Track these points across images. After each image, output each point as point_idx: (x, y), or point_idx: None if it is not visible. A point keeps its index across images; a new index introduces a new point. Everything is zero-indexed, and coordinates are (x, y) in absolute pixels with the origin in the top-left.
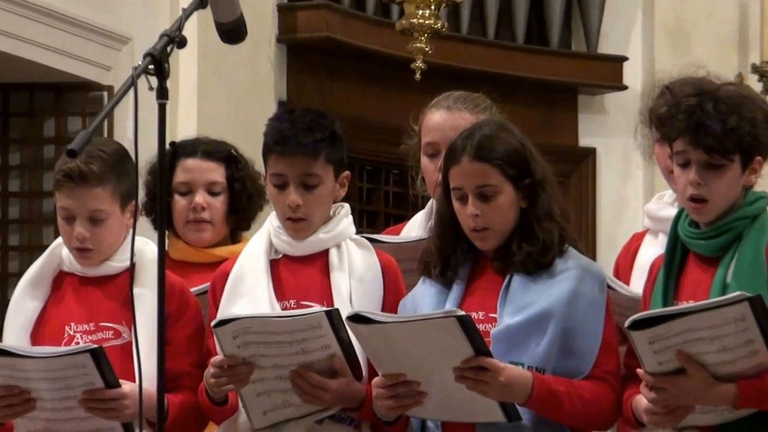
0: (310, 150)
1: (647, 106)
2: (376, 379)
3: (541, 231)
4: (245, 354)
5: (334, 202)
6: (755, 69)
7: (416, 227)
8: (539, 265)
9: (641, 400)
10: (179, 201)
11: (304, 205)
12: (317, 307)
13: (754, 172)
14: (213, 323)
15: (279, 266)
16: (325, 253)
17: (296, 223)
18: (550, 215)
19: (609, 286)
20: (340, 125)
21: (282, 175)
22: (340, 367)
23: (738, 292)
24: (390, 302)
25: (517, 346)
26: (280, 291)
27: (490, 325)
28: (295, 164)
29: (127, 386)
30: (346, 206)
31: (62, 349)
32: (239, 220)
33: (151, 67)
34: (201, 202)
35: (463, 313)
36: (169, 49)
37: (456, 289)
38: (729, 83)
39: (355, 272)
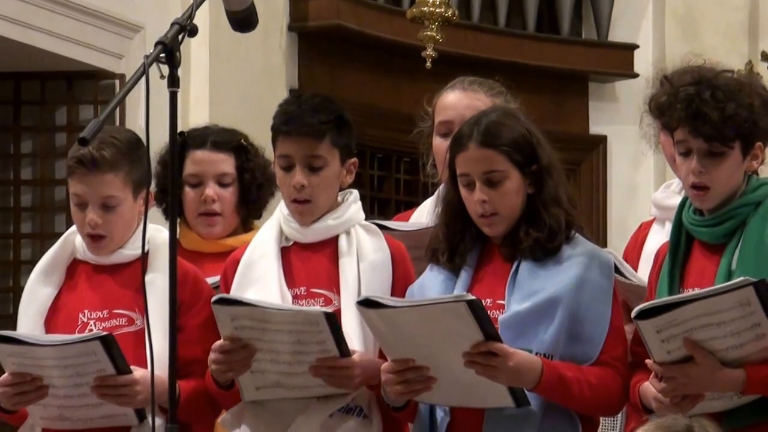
0: (316, 131)
1: (649, 95)
2: (385, 365)
3: (548, 216)
4: (242, 336)
5: (342, 189)
6: (765, 56)
7: (425, 214)
8: (547, 251)
9: (649, 388)
10: (189, 193)
11: (309, 186)
12: (317, 308)
13: (755, 158)
14: (213, 299)
15: (290, 254)
16: (334, 240)
17: (301, 205)
18: (557, 201)
19: (618, 271)
20: (349, 113)
21: (288, 156)
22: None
23: (743, 278)
24: (399, 288)
25: (526, 333)
26: (291, 278)
27: (498, 312)
28: (300, 144)
29: (138, 372)
30: (355, 192)
31: (72, 336)
32: (250, 209)
33: (162, 55)
34: (211, 195)
35: (473, 297)
36: (180, 37)
37: (464, 276)
38: (726, 70)
39: (364, 258)
